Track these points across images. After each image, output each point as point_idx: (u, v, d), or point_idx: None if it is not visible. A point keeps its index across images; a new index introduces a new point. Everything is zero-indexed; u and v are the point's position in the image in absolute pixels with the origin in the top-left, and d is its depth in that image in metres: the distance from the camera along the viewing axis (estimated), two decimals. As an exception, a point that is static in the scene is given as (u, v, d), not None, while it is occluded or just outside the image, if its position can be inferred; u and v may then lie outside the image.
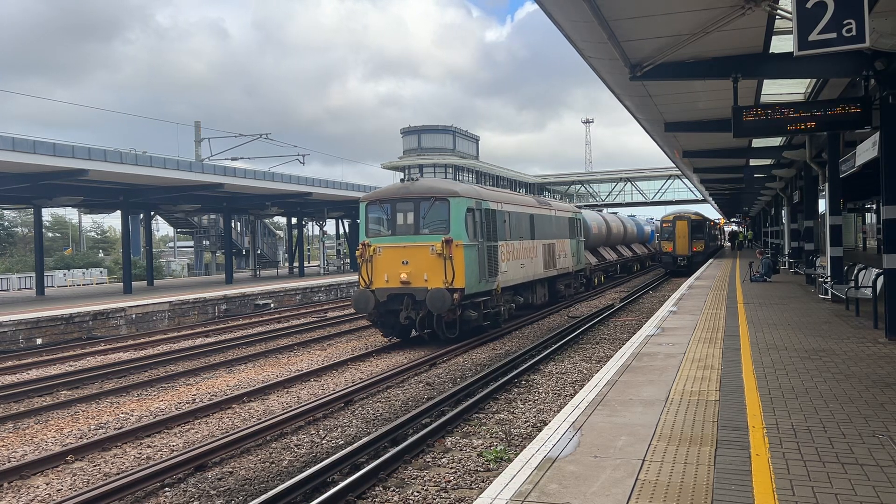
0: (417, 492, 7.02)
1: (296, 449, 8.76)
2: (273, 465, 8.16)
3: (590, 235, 31.98)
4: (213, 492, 7.37)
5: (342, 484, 6.96)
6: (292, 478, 7.31)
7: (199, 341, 19.12)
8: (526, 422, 9.53)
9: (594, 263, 32.27)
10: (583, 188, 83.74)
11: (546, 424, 7.67)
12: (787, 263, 29.52)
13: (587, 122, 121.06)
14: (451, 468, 7.69)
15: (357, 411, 10.49)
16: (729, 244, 69.25)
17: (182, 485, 7.59)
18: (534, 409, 10.17)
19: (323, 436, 9.28)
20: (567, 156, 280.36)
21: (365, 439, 8.49)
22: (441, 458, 8.05)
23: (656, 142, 22.50)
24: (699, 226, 39.81)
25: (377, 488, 7.19)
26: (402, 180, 16.32)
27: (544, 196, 58.05)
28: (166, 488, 7.48)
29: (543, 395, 11.13)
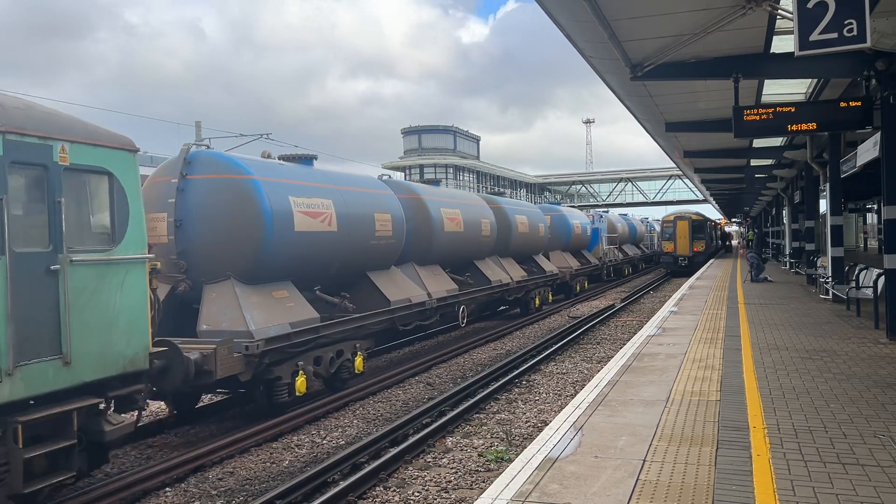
0: (418, 492, 7.03)
1: (296, 449, 8.76)
2: (273, 466, 8.16)
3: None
4: (213, 492, 7.37)
5: (343, 484, 6.97)
6: (293, 478, 7.31)
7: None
8: (527, 422, 9.53)
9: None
10: (584, 188, 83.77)
11: (547, 424, 7.66)
12: (787, 263, 29.52)
13: (588, 122, 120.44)
14: (452, 468, 7.69)
15: (358, 411, 10.49)
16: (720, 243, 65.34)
17: (182, 484, 7.59)
18: (534, 409, 10.17)
19: (323, 436, 9.28)
20: (559, 155, 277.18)
21: (366, 440, 8.50)
22: (442, 459, 8.05)
23: (657, 142, 22.48)
24: (700, 226, 39.84)
25: (378, 488, 7.20)
26: None
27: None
28: (167, 488, 7.48)
29: (544, 395, 11.13)
